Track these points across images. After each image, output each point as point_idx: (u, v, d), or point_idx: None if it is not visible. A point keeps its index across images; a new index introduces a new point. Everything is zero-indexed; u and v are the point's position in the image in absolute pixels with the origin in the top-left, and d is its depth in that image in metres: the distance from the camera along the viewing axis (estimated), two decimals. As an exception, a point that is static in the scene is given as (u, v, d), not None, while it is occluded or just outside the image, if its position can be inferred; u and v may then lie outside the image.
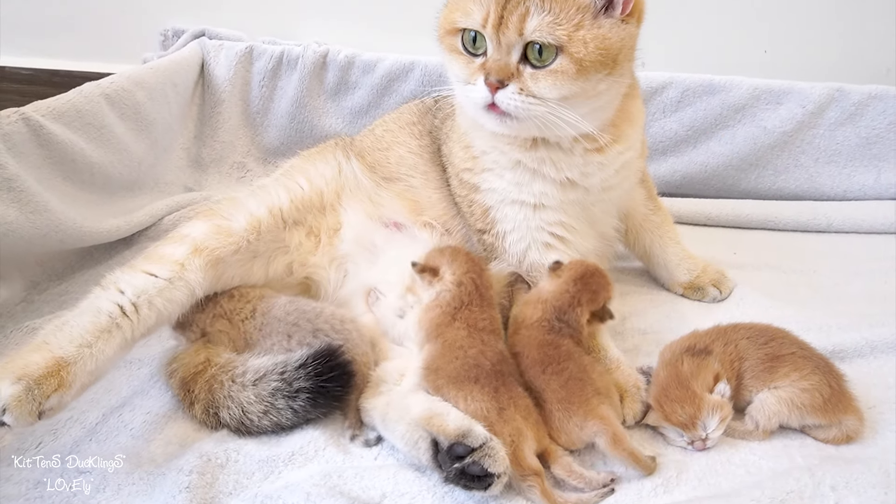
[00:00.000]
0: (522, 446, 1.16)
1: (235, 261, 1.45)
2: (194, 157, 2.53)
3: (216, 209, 1.51)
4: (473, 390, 1.22)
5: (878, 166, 2.49)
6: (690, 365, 1.28)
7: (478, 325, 1.35)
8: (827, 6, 2.58)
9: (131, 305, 1.27)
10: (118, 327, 1.24)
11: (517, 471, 1.14)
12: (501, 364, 1.28)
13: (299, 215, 1.56)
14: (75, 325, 1.22)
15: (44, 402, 1.12)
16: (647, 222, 1.84)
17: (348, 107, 2.58)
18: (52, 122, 1.75)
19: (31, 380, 1.11)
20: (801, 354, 1.31)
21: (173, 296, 1.33)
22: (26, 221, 1.60)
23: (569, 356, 1.30)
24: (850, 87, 2.44)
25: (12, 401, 1.09)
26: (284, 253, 1.53)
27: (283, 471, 1.20)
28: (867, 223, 2.34)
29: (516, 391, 1.24)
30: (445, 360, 1.29)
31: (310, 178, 1.61)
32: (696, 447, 1.25)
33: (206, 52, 2.56)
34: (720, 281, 1.83)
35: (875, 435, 1.29)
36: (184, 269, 1.35)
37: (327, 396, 1.28)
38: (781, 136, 2.47)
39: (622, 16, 1.33)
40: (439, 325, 1.36)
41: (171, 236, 1.45)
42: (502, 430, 1.17)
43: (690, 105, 2.48)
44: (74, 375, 1.16)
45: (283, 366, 1.29)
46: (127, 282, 1.31)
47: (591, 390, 1.25)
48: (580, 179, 1.50)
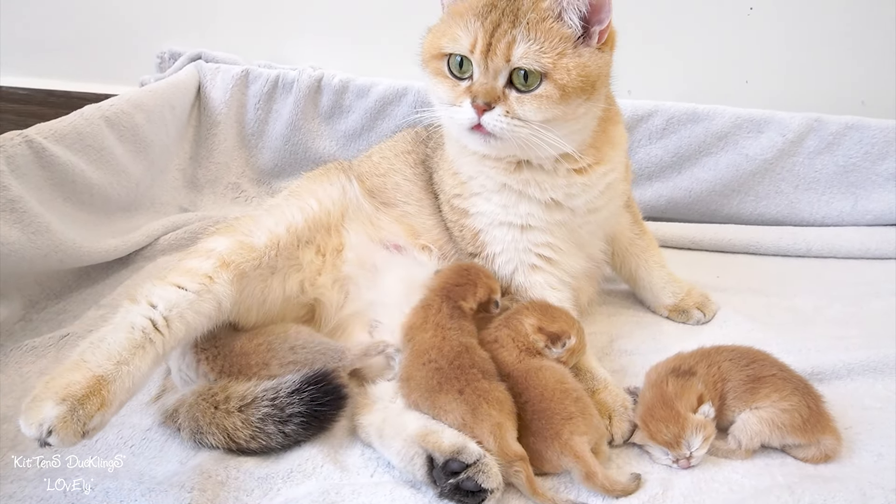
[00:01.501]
0: (505, 436, 1.21)
1: (257, 275, 1.46)
2: (190, 178, 2.57)
3: (236, 226, 1.54)
4: (442, 402, 1.26)
5: (856, 193, 2.56)
6: (675, 386, 1.32)
7: (442, 323, 1.39)
8: (807, 40, 2.66)
9: (163, 320, 1.27)
10: (151, 342, 1.24)
11: (503, 459, 1.18)
12: (459, 358, 1.31)
13: (311, 234, 1.58)
14: (112, 342, 1.22)
15: (88, 422, 1.11)
16: (632, 246, 1.89)
17: (342, 130, 2.63)
18: (53, 145, 1.79)
19: (76, 400, 1.11)
20: (782, 376, 1.35)
21: (202, 308, 1.33)
22: (28, 242, 1.63)
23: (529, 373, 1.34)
24: (828, 117, 2.52)
25: (58, 422, 1.08)
26: (298, 270, 1.55)
27: (282, 487, 1.22)
28: (845, 248, 2.40)
29: (482, 384, 1.27)
30: (414, 367, 1.33)
31: (319, 198, 1.64)
32: (680, 465, 1.28)
33: (203, 75, 2.60)
34: (704, 304, 1.88)
35: (852, 454, 1.33)
36: (213, 283, 1.36)
37: (320, 419, 1.31)
38: (762, 164, 2.54)
39: (598, 44, 1.40)
40: (412, 328, 1.40)
41: (196, 250, 1.46)
42: (481, 429, 1.21)
43: (675, 132, 2.55)
44: (114, 394, 1.16)
45: (275, 392, 1.30)
46: (159, 295, 1.31)
47: (560, 419, 1.26)
48: (565, 200, 1.54)
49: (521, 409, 1.28)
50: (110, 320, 1.28)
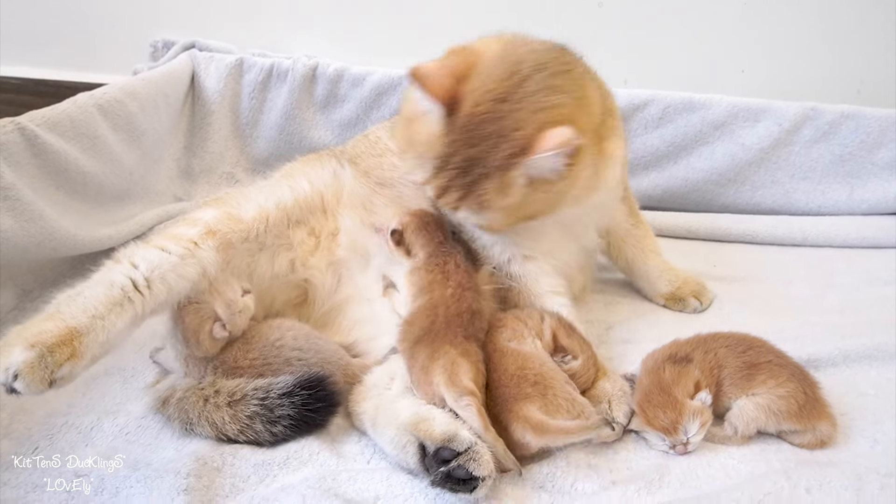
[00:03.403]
0: (457, 370, 1.22)
1: (244, 249, 1.46)
2: (184, 168, 2.55)
3: (225, 199, 1.53)
4: (416, 350, 1.28)
5: (851, 183, 2.57)
6: (672, 372, 1.32)
7: (463, 283, 1.40)
8: (803, 29, 2.67)
9: (144, 280, 1.27)
10: (130, 301, 1.24)
11: (452, 392, 1.19)
12: (458, 318, 1.33)
13: (302, 215, 1.58)
14: (88, 296, 1.22)
15: (56, 370, 1.11)
16: (629, 237, 1.88)
17: (337, 119, 2.61)
18: (46, 132, 1.77)
19: (45, 347, 1.11)
20: (778, 363, 1.36)
21: (185, 272, 1.33)
22: (21, 230, 1.62)
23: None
24: (824, 106, 2.52)
25: (25, 367, 1.08)
26: (288, 249, 1.54)
27: (279, 474, 1.22)
28: (840, 237, 2.41)
29: (457, 339, 1.29)
30: (423, 316, 1.34)
31: (311, 180, 1.63)
32: (677, 451, 1.29)
33: (197, 64, 2.58)
34: (700, 292, 1.88)
35: (847, 440, 1.34)
36: (197, 248, 1.36)
37: (310, 424, 1.30)
38: (759, 153, 2.55)
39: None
40: (431, 283, 1.41)
41: (183, 219, 1.46)
42: (435, 367, 1.23)
43: (671, 122, 2.54)
44: (86, 346, 1.16)
45: (265, 392, 1.29)
46: (141, 256, 1.31)
47: (512, 396, 1.25)
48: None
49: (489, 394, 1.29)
50: (90, 277, 1.28)
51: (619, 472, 1.26)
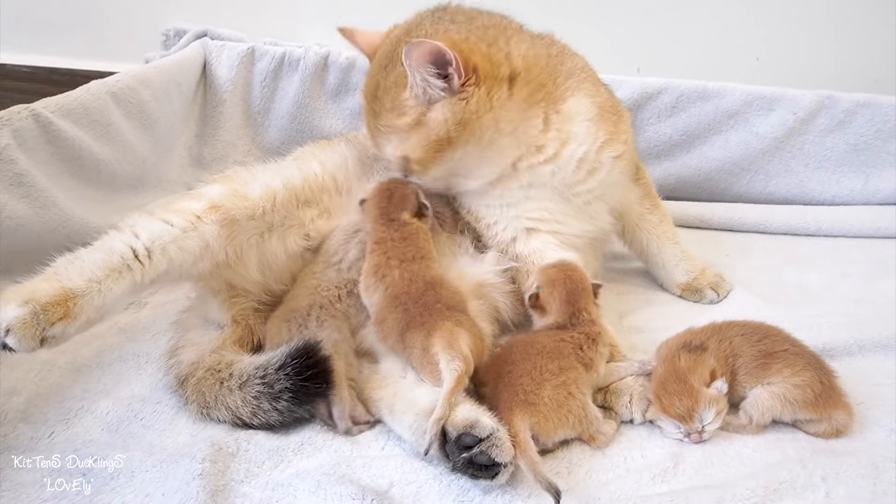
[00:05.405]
0: (457, 336, 1.23)
1: (250, 227, 1.45)
2: (196, 156, 2.56)
3: (232, 176, 1.53)
4: (409, 338, 1.27)
5: (866, 172, 2.55)
6: (687, 360, 1.31)
7: (404, 257, 1.40)
8: (818, 16, 2.64)
9: (144, 250, 1.28)
10: (129, 269, 1.25)
11: (449, 353, 1.20)
12: (424, 296, 1.32)
13: (312, 196, 1.58)
14: (87, 261, 1.23)
15: (48, 328, 1.12)
16: (643, 221, 1.85)
17: (349, 108, 2.61)
18: (60, 119, 1.78)
19: (38, 304, 1.12)
20: (794, 351, 1.35)
21: (187, 245, 1.34)
22: (35, 217, 1.63)
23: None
24: (840, 94, 2.50)
25: (17, 322, 1.09)
26: (300, 227, 1.54)
27: (293, 460, 1.22)
28: (855, 227, 2.39)
29: (446, 313, 1.29)
30: (388, 310, 1.34)
31: (322, 162, 1.63)
32: (692, 440, 1.28)
33: (209, 53, 2.58)
34: (718, 284, 1.86)
35: (863, 429, 1.33)
36: (200, 221, 1.36)
37: (308, 394, 1.28)
38: (773, 142, 2.53)
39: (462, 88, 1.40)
40: (378, 266, 1.40)
41: (188, 194, 1.47)
42: (432, 340, 1.23)
43: (685, 110, 2.53)
44: (81, 308, 1.17)
45: (264, 369, 1.29)
46: (143, 226, 1.31)
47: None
48: (539, 183, 1.55)
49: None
50: (91, 244, 1.29)
51: (633, 459, 1.26)
